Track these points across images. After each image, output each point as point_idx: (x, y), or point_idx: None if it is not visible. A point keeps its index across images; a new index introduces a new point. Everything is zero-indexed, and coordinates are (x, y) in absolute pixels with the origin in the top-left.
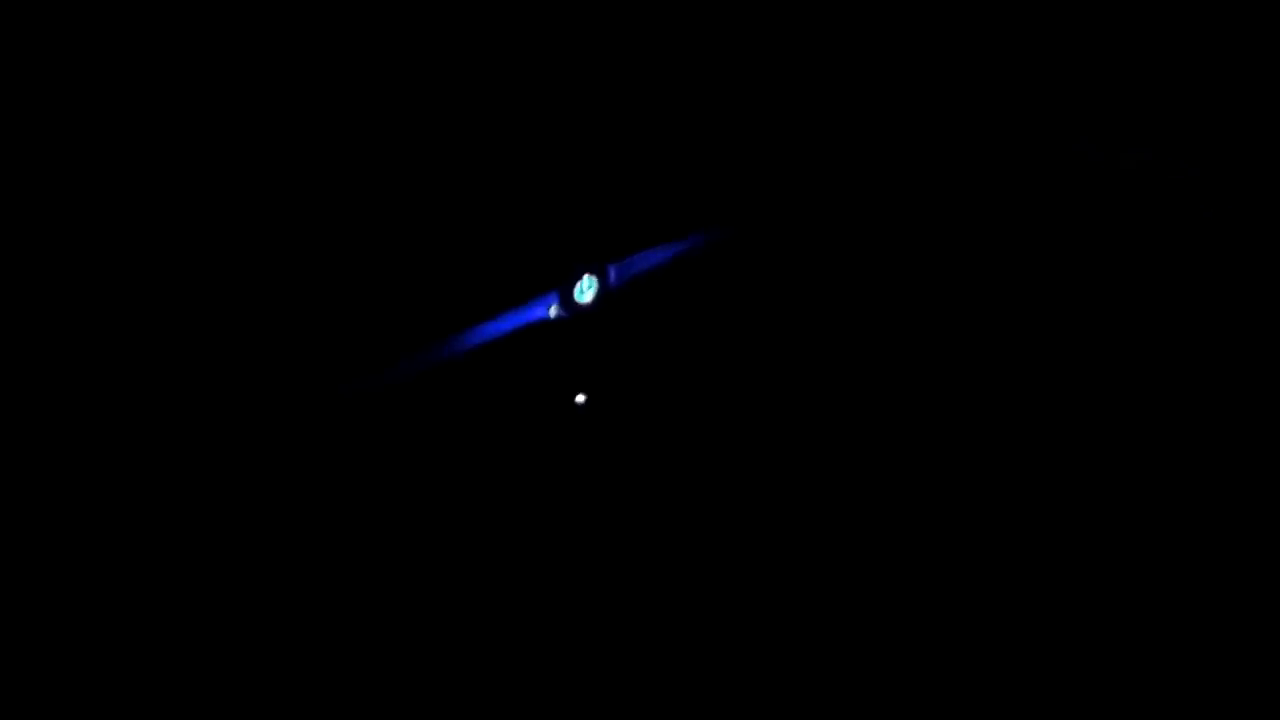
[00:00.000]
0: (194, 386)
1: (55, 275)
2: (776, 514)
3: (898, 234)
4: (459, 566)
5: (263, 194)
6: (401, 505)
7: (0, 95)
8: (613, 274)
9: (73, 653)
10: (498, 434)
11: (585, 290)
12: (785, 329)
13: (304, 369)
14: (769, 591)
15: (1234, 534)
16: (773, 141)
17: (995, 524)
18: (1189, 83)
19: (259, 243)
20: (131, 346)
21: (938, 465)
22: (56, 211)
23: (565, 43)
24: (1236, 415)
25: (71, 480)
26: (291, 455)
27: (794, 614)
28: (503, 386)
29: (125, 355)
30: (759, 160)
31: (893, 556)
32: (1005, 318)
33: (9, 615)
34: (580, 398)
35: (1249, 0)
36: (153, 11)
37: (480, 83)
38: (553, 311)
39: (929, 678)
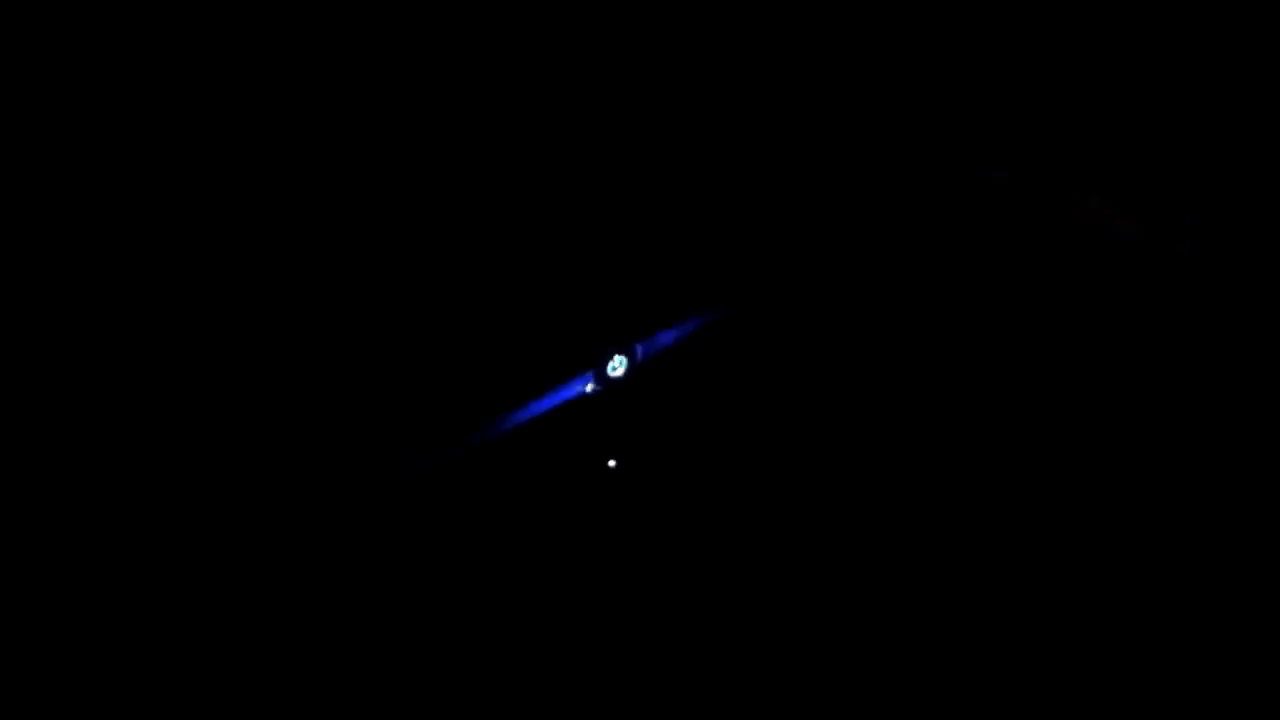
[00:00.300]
0: (277, 461)
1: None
2: (790, 558)
3: (900, 303)
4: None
5: (334, 273)
6: (457, 560)
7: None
8: (640, 351)
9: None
10: (544, 497)
11: (617, 368)
12: (798, 393)
13: (371, 443)
14: (781, 631)
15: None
16: (778, 225)
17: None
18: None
19: (334, 330)
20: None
21: (953, 527)
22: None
23: (600, 145)
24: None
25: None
26: (358, 514)
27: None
28: (549, 454)
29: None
30: (765, 242)
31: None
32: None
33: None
34: (611, 462)
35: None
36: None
37: (524, 195)
38: (589, 388)
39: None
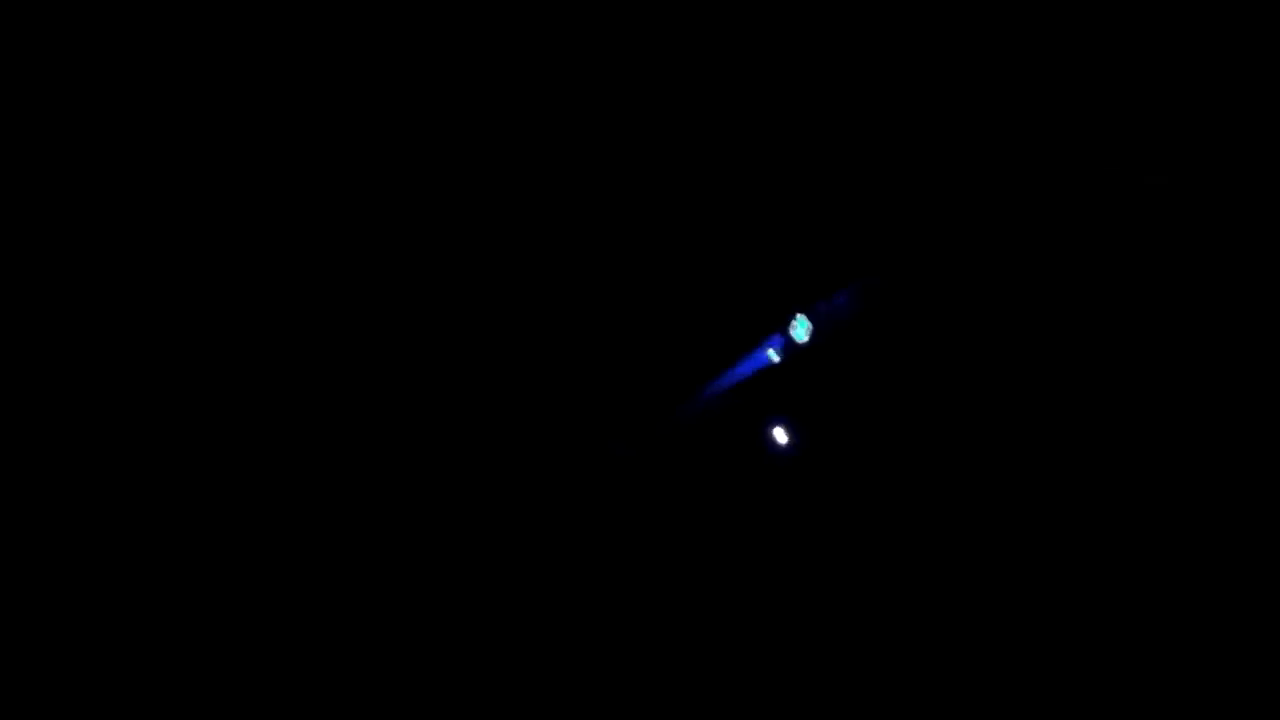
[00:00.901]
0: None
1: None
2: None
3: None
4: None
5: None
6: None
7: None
8: (821, 311)
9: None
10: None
11: (800, 331)
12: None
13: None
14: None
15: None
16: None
17: None
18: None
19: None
20: None
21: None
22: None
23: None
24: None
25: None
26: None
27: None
28: (739, 418)
29: None
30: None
31: None
32: None
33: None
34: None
35: None
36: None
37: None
38: (774, 355)
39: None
